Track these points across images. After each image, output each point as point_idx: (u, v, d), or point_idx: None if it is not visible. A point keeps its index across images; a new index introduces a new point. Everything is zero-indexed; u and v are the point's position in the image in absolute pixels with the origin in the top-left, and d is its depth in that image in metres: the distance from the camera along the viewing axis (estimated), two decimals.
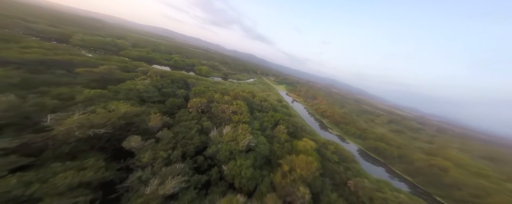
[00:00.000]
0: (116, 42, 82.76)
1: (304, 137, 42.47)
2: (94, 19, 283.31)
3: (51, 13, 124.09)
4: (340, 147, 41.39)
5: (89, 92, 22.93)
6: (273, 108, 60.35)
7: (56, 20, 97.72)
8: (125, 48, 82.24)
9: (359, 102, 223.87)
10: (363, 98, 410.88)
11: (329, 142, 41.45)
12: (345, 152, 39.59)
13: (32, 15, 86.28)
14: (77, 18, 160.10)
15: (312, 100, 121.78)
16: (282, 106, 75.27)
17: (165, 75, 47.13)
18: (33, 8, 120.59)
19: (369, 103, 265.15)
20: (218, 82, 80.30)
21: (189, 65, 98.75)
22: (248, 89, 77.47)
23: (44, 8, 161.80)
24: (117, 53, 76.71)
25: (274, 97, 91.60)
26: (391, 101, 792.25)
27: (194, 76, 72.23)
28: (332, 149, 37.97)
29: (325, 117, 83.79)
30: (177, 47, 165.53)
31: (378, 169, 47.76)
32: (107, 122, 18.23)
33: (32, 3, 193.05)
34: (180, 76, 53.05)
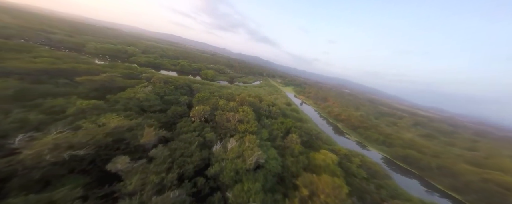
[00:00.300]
0: (127, 49, 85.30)
1: (321, 147, 37.04)
2: (111, 28, 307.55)
3: (73, 24, 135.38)
4: (368, 159, 34.88)
5: (82, 103, 20.79)
6: (282, 113, 55.60)
7: (75, 30, 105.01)
8: (135, 55, 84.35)
9: (374, 102, 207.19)
10: (378, 97, 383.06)
11: (353, 153, 35.23)
12: (375, 165, 33.07)
13: (54, 27, 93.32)
14: (96, 28, 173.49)
15: (323, 102, 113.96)
16: (292, 110, 69.97)
17: (169, 81, 45.35)
18: (57, 20, 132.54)
19: (385, 103, 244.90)
20: (224, 86, 77.86)
21: (195, 70, 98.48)
22: (254, 93, 73.71)
23: (68, 21, 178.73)
24: (127, 59, 78.76)
25: (282, 100, 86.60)
26: (408, 100, 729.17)
27: (199, 81, 70.64)
28: (358, 162, 31.88)
29: (339, 121, 76.35)
30: (184, 52, 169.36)
31: (411, 182, 39.98)
32: (91, 141, 15.40)
33: (58, 16, 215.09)
34: (185, 81, 51.10)
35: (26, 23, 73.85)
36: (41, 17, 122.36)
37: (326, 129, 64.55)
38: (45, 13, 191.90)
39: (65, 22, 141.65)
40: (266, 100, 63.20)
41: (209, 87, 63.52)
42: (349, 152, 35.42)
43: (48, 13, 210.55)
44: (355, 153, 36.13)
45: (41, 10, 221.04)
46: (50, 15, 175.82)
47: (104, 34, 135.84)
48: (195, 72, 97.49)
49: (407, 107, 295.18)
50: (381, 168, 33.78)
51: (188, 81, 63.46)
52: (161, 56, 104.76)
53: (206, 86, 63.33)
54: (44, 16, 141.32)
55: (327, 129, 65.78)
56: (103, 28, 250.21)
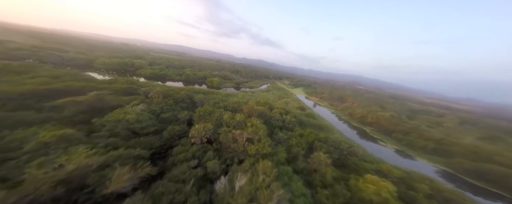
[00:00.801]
0: (134, 62, 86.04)
1: (360, 166, 28.04)
2: (126, 44, 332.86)
3: (92, 43, 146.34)
4: (442, 186, 24.21)
5: (45, 136, 16.04)
6: (299, 121, 47.52)
7: (92, 48, 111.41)
8: (141, 67, 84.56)
9: (397, 98, 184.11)
10: (399, 92, 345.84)
11: (413, 175, 25.16)
12: (454, 194, 22.46)
13: (71, 46, 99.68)
14: (112, 45, 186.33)
15: (340, 103, 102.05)
16: (307, 116, 61.08)
17: (168, 94, 40.94)
18: (78, 40, 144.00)
19: (411, 99, 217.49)
20: (230, 93, 72.60)
21: (201, 78, 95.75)
22: (263, 99, 66.91)
23: (89, 40, 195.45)
24: (134, 72, 78.74)
25: (294, 105, 78.13)
26: (436, 93, 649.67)
27: (204, 90, 66.37)
28: (426, 190, 22.09)
29: (366, 124, 64.78)
30: (190, 61, 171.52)
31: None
32: (29, 196, 9.81)
33: (83, 37, 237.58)
34: (186, 93, 46.53)
35: (42, 44, 78.70)
36: (63, 38, 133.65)
37: (351, 135, 54.04)
38: (71, 35, 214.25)
39: (85, 41, 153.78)
40: (277, 107, 55.76)
41: (214, 97, 58.54)
42: (406, 173, 25.60)
43: (74, 35, 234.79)
44: (417, 175, 26.02)
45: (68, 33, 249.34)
46: (74, 36, 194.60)
47: (118, 49, 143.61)
48: (200, 80, 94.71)
49: (437, 101, 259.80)
50: (461, 194, 23.09)
51: (191, 91, 59.42)
52: (167, 67, 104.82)
53: (210, 95, 58.51)
54: (68, 37, 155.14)
55: (352, 135, 55.14)
56: (120, 44, 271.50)
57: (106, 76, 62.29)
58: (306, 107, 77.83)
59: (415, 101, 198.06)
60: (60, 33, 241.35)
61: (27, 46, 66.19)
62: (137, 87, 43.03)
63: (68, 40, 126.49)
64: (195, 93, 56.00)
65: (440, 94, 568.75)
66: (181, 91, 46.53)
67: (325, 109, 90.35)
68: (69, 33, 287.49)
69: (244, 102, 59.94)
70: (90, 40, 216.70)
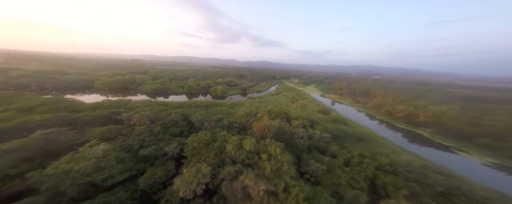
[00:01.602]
0: (135, 78, 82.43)
1: None
2: (136, 60, 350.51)
3: (101, 62, 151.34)
4: None
5: None
6: (333, 136, 34.76)
7: (95, 67, 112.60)
8: (143, 82, 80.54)
9: (424, 84, 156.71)
10: (423, 78, 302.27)
11: None
12: None
13: (75, 67, 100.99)
14: (120, 62, 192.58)
15: (367, 98, 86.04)
16: (335, 121, 47.93)
17: (158, 117, 32.65)
18: (86, 60, 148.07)
19: (442, 83, 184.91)
20: (236, 102, 63.41)
21: (204, 88, 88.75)
22: (276, 107, 56.31)
23: (99, 58, 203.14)
24: (135, 89, 74.61)
25: (312, 107, 65.79)
26: (470, 74, 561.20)
27: (206, 102, 58.11)
28: None
29: (418, 124, 48.89)
30: (195, 71, 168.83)
31: None
32: None
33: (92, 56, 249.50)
34: (182, 112, 38.12)
35: (44, 68, 79.12)
36: (75, 61, 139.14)
37: (405, 143, 39.10)
38: (84, 57, 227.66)
39: (95, 61, 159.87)
40: (295, 115, 44.61)
41: (218, 110, 49.68)
42: None
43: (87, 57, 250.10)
44: None
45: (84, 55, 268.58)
46: (86, 58, 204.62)
47: (126, 66, 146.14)
48: (203, 90, 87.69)
49: (476, 82, 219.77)
50: None
51: (191, 106, 51.40)
52: (171, 79, 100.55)
53: (213, 109, 49.83)
54: (79, 60, 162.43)
55: (407, 143, 39.98)
56: (130, 60, 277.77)
57: (103, 97, 58.09)
58: (328, 109, 64.86)
59: (452, 85, 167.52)
60: (76, 56, 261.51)
61: (30, 72, 65.54)
62: (124, 110, 35.79)
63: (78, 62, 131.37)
64: (194, 109, 47.78)
65: (478, 75, 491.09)
66: (175, 110, 38.21)
67: (351, 108, 75.72)
68: (84, 56, 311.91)
69: (253, 112, 50.05)
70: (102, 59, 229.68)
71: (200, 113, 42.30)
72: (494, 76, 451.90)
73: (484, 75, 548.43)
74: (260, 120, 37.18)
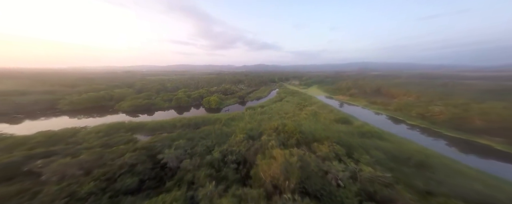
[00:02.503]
0: (112, 94, 70.11)
1: None
2: (130, 71, 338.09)
3: (85, 75, 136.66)
4: None
5: None
6: (374, 161, 22.67)
7: (74, 82, 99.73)
8: (123, 98, 68.30)
9: (430, 77, 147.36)
10: (423, 71, 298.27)
11: None
12: None
13: (50, 84, 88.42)
14: (108, 75, 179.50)
15: (383, 98, 74.78)
16: (364, 135, 35.23)
17: (99, 162, 20.23)
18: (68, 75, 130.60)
19: (448, 76, 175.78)
20: (233, 116, 51.31)
21: (196, 99, 76.66)
22: (283, 118, 44.49)
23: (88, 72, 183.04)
24: (112, 107, 62.17)
25: (327, 115, 53.89)
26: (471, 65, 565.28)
27: (194, 120, 45.67)
28: None
29: (478, 131, 36.27)
30: (189, 79, 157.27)
31: None
32: None
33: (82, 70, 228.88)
34: (149, 144, 25.91)
35: (6, 88, 66.74)
36: (52, 76, 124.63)
37: (472, 161, 26.91)
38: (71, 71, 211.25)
39: (78, 75, 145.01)
40: (310, 130, 32.87)
41: (210, 130, 37.63)
42: None
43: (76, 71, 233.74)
44: None
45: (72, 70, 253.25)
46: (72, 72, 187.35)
47: (114, 78, 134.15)
48: (195, 102, 75.61)
49: (478, 73, 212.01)
50: None
51: (178, 123, 39.07)
52: (158, 92, 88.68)
53: (203, 130, 37.69)
54: (61, 74, 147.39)
55: (475, 160, 27.68)
56: (121, 72, 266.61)
57: (63, 120, 45.61)
58: (346, 116, 52.80)
59: (457, 77, 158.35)
60: (66, 71, 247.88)
61: None
62: (62, 148, 23.34)
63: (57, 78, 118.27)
64: (179, 132, 35.45)
65: (478, 66, 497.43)
66: (136, 145, 25.78)
67: (369, 112, 63.95)
68: (76, 70, 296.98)
69: (256, 129, 38.04)
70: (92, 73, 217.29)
71: (186, 137, 30.20)
72: (485, 66, 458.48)
73: (477, 65, 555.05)
74: (266, 149, 25.25)
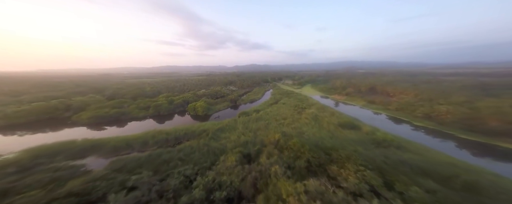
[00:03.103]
0: (69, 103, 56.47)
1: None
2: (108, 74, 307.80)
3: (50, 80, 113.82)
4: None
5: None
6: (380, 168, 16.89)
7: (26, 89, 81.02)
8: (85, 108, 55.28)
9: (413, 75, 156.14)
10: (402, 69, 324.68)
11: None
12: None
13: None
14: (78, 78, 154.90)
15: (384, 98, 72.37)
16: (379, 144, 29.64)
17: None
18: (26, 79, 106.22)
19: (426, 73, 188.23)
20: (224, 126, 42.70)
21: (180, 105, 66.13)
22: (284, 129, 37.36)
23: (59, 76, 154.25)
24: (69, 119, 49.11)
25: (329, 118, 48.30)
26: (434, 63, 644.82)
27: (174, 133, 36.15)
28: None
29: (494, 133, 32.77)
30: (173, 82, 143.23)
31: None
32: None
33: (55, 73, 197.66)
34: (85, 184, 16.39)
35: None
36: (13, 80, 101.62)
37: (504, 170, 22.90)
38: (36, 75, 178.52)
39: (38, 80, 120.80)
40: (315, 138, 26.27)
41: (193, 146, 28.82)
42: None
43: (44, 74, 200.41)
44: None
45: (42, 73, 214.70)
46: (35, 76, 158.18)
47: (81, 83, 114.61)
48: (179, 109, 65.11)
49: (448, 70, 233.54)
50: None
51: (150, 140, 28.72)
52: (135, 98, 75.91)
53: (185, 147, 28.63)
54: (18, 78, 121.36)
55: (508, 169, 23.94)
56: (99, 75, 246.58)
57: None
58: (351, 119, 47.53)
59: (436, 74, 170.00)
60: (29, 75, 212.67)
61: None
62: None
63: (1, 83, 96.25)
64: (151, 151, 25.82)
65: (441, 63, 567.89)
66: (63, 187, 16.20)
67: (368, 112, 60.05)
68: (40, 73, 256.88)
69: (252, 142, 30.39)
70: (59, 77, 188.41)
71: (160, 160, 21.24)
72: (455, 63, 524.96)
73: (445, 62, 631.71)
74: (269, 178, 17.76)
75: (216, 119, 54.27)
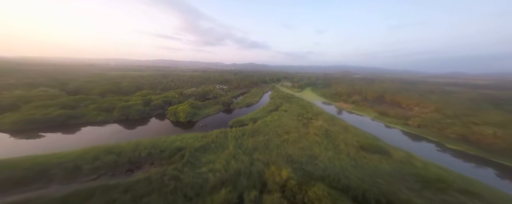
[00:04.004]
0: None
1: None
2: (93, 64, 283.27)
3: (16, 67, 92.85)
4: None
5: None
6: None
7: None
8: (20, 106, 40.95)
9: (410, 83, 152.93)
10: (395, 76, 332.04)
11: None
12: None
13: None
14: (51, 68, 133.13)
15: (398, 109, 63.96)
16: (430, 184, 18.89)
17: None
18: None
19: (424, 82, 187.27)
20: (207, 142, 30.84)
21: (157, 108, 53.08)
22: (289, 150, 26.53)
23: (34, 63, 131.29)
24: None
25: (343, 134, 38.32)
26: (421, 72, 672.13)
27: (131, 153, 23.75)
28: None
29: None
30: (161, 76, 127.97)
31: None
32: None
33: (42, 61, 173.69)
34: None
35: None
36: None
37: None
38: None
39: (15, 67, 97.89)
40: (336, 171, 15.69)
41: (156, 174, 16.80)
42: None
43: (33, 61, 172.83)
44: None
45: None
46: None
47: (45, 73, 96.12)
48: (155, 112, 52.06)
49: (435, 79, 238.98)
50: None
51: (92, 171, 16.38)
52: (104, 93, 61.60)
53: (142, 186, 16.66)
54: None
55: None
56: (84, 65, 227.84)
57: None
58: (371, 138, 37.72)
59: (433, 84, 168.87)
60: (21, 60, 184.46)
61: None
62: None
63: None
64: None
65: (426, 73, 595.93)
66: None
67: (380, 125, 50.84)
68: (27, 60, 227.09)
69: (247, 174, 18.99)
70: (25, 64, 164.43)
71: None
72: (440, 73, 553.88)
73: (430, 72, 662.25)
74: None
75: (202, 128, 42.42)
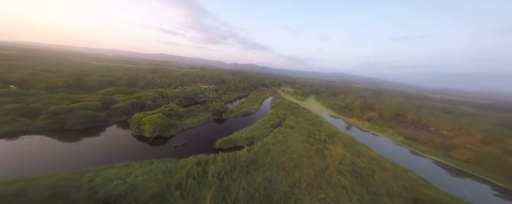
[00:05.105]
0: None
1: None
2: (79, 52, 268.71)
3: None
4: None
5: None
6: None
7: None
8: None
9: (413, 97, 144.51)
10: (390, 87, 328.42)
11: None
12: None
13: None
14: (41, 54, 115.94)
15: (425, 132, 52.62)
16: None
17: None
18: None
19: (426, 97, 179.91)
20: (167, 188, 18.04)
21: (120, 113, 39.08)
22: None
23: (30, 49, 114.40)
24: None
25: (380, 174, 26.61)
26: (418, 86, 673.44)
27: None
28: None
29: None
30: (149, 71, 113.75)
31: None
32: None
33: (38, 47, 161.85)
34: None
35: None
36: None
37: None
38: None
39: None
40: None
41: None
42: None
43: None
44: None
45: None
46: None
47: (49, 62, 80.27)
48: (115, 119, 38.13)
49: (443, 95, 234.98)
50: None
51: None
52: (54, 88, 47.65)
53: None
54: None
55: None
56: (73, 53, 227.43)
57: None
58: (422, 183, 25.41)
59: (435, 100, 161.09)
60: None
61: None
62: None
63: None
64: None
65: (422, 87, 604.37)
66: None
67: (417, 157, 39.22)
68: None
69: None
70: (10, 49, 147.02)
71: None
72: (435, 88, 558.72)
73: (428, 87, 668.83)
74: None
75: (174, 150, 29.40)
